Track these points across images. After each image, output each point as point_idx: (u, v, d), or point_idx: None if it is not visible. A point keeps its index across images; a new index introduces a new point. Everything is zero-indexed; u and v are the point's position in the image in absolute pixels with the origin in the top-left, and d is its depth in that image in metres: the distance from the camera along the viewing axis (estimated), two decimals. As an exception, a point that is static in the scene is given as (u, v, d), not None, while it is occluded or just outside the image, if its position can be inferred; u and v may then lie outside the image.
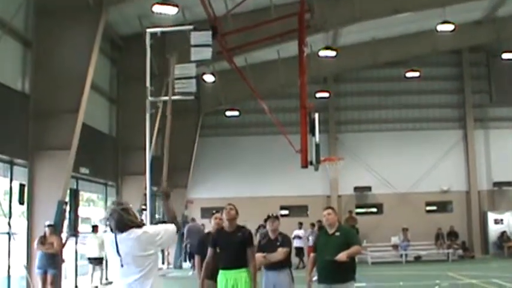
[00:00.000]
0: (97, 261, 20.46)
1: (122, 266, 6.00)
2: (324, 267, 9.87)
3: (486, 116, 34.86)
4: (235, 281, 9.16)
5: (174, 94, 13.89)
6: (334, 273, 9.61)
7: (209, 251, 9.45)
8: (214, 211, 10.81)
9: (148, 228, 6.09)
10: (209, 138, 34.18)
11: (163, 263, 28.91)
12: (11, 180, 17.25)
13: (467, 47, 34.42)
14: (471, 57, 35.00)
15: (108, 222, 6.08)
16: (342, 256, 9.46)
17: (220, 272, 9.28)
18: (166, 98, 13.65)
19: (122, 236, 6.00)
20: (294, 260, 18.88)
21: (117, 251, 5.97)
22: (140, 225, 6.07)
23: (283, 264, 10.39)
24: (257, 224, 23.71)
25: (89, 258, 20.53)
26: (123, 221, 6.01)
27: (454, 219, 33.60)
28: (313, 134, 21.36)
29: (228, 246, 9.26)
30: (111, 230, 6.07)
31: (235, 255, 9.22)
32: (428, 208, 34.61)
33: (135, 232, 5.96)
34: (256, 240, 12.61)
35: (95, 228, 21.10)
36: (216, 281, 10.19)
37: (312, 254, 10.38)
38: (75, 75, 18.19)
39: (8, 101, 16.90)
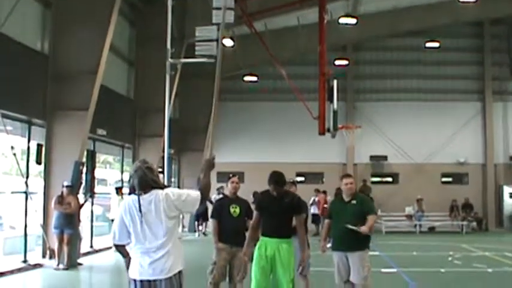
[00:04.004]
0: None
1: (141, 228, 6.00)
2: (339, 235, 9.87)
3: (505, 89, 34.52)
4: (275, 252, 8.57)
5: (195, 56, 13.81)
6: (349, 241, 9.62)
7: (254, 214, 9.03)
8: (231, 175, 10.80)
9: (171, 190, 6.04)
10: (227, 103, 34.11)
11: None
12: (29, 140, 17.32)
13: (488, 19, 33.99)
14: (492, 30, 34.58)
15: (131, 180, 6.07)
16: (364, 230, 9.47)
17: (261, 238, 8.76)
18: (186, 60, 13.60)
19: (144, 197, 5.98)
20: (310, 226, 18.89)
21: (140, 210, 5.98)
22: (162, 187, 6.05)
23: (300, 230, 10.38)
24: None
25: (113, 220, 20.63)
26: (146, 179, 5.99)
27: (470, 191, 33.52)
28: (331, 101, 21.30)
29: (273, 213, 8.71)
30: (133, 188, 6.06)
31: (279, 223, 8.71)
32: (444, 179, 34.53)
33: (158, 193, 5.93)
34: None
35: (119, 190, 21.22)
36: (230, 245, 10.23)
37: (327, 220, 10.39)
38: (95, 37, 18.13)
39: (28, 62, 16.90)
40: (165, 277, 5.89)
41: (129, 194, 6.10)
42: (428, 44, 32.38)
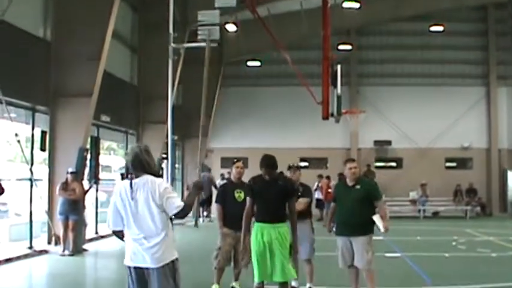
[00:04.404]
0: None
1: (132, 214, 5.96)
2: (343, 220, 9.89)
3: (510, 74, 34.35)
4: (271, 237, 8.39)
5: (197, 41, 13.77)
6: (353, 225, 9.64)
7: (248, 200, 8.74)
8: (235, 159, 10.82)
9: (163, 183, 5.98)
10: (230, 88, 34.11)
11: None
12: (33, 127, 17.34)
13: (493, 3, 33.87)
14: (496, 14, 34.40)
15: (126, 161, 6.08)
16: (385, 229, 9.52)
17: (256, 224, 8.58)
18: (188, 44, 13.56)
19: (135, 181, 5.97)
20: (315, 211, 18.92)
21: (131, 195, 5.93)
22: (156, 174, 6.02)
23: (305, 215, 10.39)
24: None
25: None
26: (140, 158, 5.97)
27: (474, 176, 33.49)
28: (335, 86, 21.24)
29: (267, 197, 8.50)
30: (127, 173, 6.05)
31: (274, 208, 8.50)
32: (447, 164, 34.50)
33: (149, 179, 5.91)
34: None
35: (124, 176, 21.21)
36: (234, 230, 10.24)
37: (332, 204, 10.41)
38: (97, 23, 18.07)
39: (30, 48, 16.87)
40: (157, 266, 5.85)
41: (122, 179, 6.08)
42: (433, 28, 32.24)
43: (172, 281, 5.91)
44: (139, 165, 5.97)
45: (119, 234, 6.13)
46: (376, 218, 9.52)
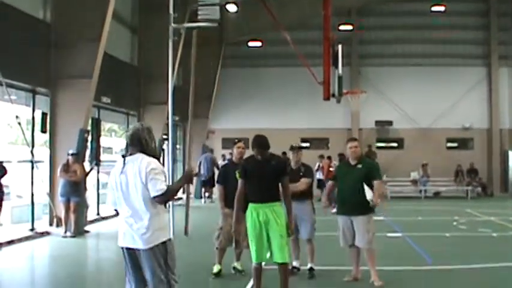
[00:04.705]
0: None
1: (122, 192, 5.90)
2: (344, 199, 9.93)
3: (511, 54, 34.23)
4: (268, 216, 8.30)
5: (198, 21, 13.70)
6: (354, 205, 9.67)
7: (240, 182, 8.69)
8: (236, 140, 10.81)
9: (153, 163, 5.88)
10: (231, 69, 34.01)
11: (183, 192, 29.16)
12: (34, 109, 17.32)
13: (494, -18, 33.68)
14: (498, -6, 34.24)
15: (126, 135, 6.06)
16: (375, 203, 9.53)
17: (250, 205, 8.50)
18: (189, 24, 13.48)
19: (128, 159, 5.95)
20: (316, 192, 18.96)
21: (121, 172, 5.90)
22: (152, 154, 5.97)
23: (306, 195, 10.42)
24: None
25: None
26: (139, 134, 5.95)
27: (475, 156, 33.47)
28: (336, 66, 21.20)
29: (260, 177, 8.42)
30: (126, 149, 6.04)
31: (267, 187, 8.40)
32: (449, 144, 34.45)
33: (142, 158, 5.87)
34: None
35: (124, 158, 21.17)
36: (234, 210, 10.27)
37: (330, 182, 10.47)
38: (97, 4, 17.97)
39: (30, 30, 16.81)
40: (145, 248, 5.79)
41: (123, 160, 6.05)
42: (434, 8, 32.08)
43: (163, 263, 5.82)
44: (138, 142, 5.95)
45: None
46: (367, 189, 9.52)
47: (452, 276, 10.90)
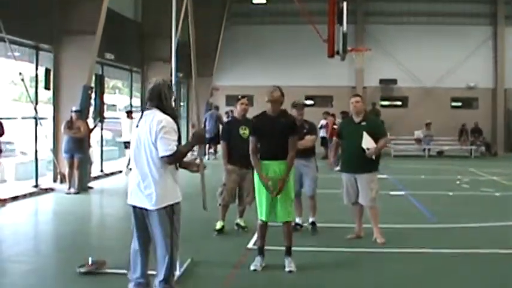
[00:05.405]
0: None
1: (134, 147, 5.87)
2: (348, 157, 9.93)
3: (518, 13, 33.93)
4: (277, 174, 8.10)
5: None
6: (358, 163, 9.68)
7: (251, 139, 8.35)
8: (240, 96, 10.76)
9: (166, 120, 5.75)
10: (236, 26, 33.80)
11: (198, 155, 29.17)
12: (37, 66, 17.24)
13: None
14: (506, -51, 33.77)
15: (148, 87, 5.97)
16: (371, 152, 9.51)
17: (261, 162, 8.22)
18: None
19: (145, 113, 5.91)
20: (319, 149, 18.97)
21: (137, 124, 5.85)
22: (168, 112, 5.84)
23: (310, 152, 10.43)
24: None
25: (124, 143, 20.67)
26: (159, 88, 5.85)
27: (479, 116, 33.39)
28: (341, 24, 21.06)
29: (270, 134, 8.18)
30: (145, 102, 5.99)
31: (276, 144, 8.17)
32: (453, 104, 34.37)
33: (156, 114, 5.78)
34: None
35: (129, 114, 21.15)
36: (239, 167, 10.28)
37: (335, 139, 10.46)
38: (100, -42, 17.78)
39: (33, -15, 16.66)
40: (152, 208, 5.73)
41: (128, 116, 6.04)
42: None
43: (169, 226, 5.77)
44: (157, 96, 5.85)
45: None
46: (365, 136, 9.50)
47: (454, 234, 10.95)
